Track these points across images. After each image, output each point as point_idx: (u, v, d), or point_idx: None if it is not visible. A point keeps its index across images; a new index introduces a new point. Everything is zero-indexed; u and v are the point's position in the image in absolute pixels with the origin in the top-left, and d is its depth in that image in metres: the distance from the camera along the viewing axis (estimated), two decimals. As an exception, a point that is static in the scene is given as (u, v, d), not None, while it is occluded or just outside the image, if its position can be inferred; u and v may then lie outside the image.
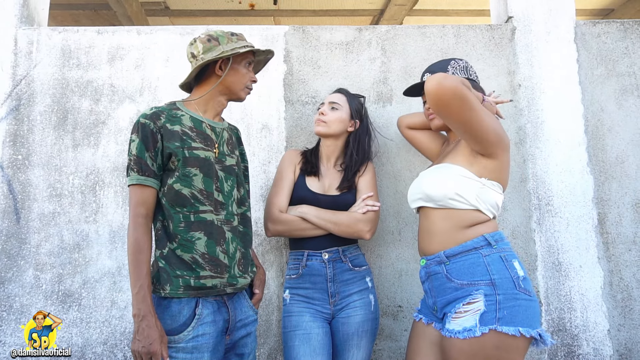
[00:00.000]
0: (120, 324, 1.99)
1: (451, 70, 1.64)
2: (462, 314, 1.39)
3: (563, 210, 2.12)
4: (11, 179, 2.07)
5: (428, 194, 1.52)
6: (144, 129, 1.41)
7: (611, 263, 2.10)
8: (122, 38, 2.22)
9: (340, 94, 1.93)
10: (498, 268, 1.41)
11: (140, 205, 1.39)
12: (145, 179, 1.40)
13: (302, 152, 1.93)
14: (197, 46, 1.49)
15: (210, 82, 1.53)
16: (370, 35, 2.26)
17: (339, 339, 1.73)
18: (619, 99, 2.23)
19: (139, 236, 1.36)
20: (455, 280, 1.44)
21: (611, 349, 2.02)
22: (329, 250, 1.76)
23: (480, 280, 1.40)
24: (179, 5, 5.56)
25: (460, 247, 1.46)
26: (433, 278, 1.51)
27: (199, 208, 1.42)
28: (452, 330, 1.39)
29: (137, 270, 1.33)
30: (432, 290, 1.52)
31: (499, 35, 2.28)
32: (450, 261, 1.46)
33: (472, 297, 1.39)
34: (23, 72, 2.17)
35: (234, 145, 1.61)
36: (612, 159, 2.18)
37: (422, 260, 1.56)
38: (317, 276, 1.75)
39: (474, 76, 1.67)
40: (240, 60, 1.53)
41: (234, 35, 1.53)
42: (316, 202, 1.79)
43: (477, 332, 1.33)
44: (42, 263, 2.01)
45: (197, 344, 1.34)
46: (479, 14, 5.86)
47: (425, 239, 1.56)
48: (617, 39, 2.28)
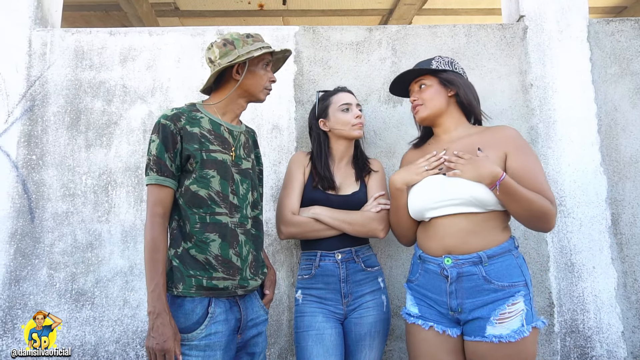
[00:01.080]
0: (132, 322, 2.00)
1: (435, 64, 1.64)
2: (506, 317, 1.41)
3: (576, 210, 2.10)
4: (25, 179, 2.10)
5: (479, 199, 1.45)
6: (164, 130, 1.42)
7: (625, 264, 2.07)
8: (134, 39, 2.24)
9: (350, 93, 1.92)
10: (525, 269, 1.49)
11: (158, 205, 1.40)
12: (164, 179, 1.41)
13: (310, 155, 1.92)
14: (214, 51, 1.49)
15: (228, 86, 1.53)
16: (381, 35, 2.26)
17: (352, 340, 1.72)
18: (633, 98, 2.20)
19: (155, 235, 1.37)
20: (494, 282, 1.43)
21: (625, 351, 2.00)
22: (342, 250, 1.76)
23: (519, 281, 1.45)
24: (188, 6, 5.60)
25: (499, 248, 1.46)
26: (465, 279, 1.46)
27: (214, 210, 1.43)
28: (499, 334, 1.39)
29: (153, 269, 1.34)
30: (460, 291, 1.46)
31: (510, 34, 2.26)
32: (489, 262, 1.45)
33: (514, 298, 1.42)
34: (37, 73, 2.19)
35: (250, 148, 1.62)
36: (626, 159, 2.15)
37: (447, 259, 1.48)
38: (330, 277, 1.75)
39: (460, 70, 1.68)
40: (257, 62, 1.53)
41: (250, 37, 1.52)
42: (328, 202, 1.79)
43: (525, 332, 1.39)
44: (55, 262, 2.04)
45: (210, 342, 1.36)
46: (489, 13, 5.81)
47: (458, 237, 1.47)
48: (631, 37, 2.25)
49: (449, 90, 1.63)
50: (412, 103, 1.69)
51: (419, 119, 1.67)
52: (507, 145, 1.52)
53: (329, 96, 1.91)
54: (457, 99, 1.64)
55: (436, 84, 1.64)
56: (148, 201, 1.41)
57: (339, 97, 1.88)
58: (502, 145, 1.53)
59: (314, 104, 1.94)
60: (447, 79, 1.63)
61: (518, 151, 1.51)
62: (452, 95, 1.64)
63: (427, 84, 1.65)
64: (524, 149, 1.52)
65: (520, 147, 1.52)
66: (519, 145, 1.53)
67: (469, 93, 1.63)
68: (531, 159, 1.51)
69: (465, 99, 1.62)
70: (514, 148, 1.52)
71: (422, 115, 1.65)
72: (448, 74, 1.64)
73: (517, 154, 1.50)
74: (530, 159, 1.51)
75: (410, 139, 2.15)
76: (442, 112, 1.64)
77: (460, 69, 1.69)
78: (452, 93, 1.63)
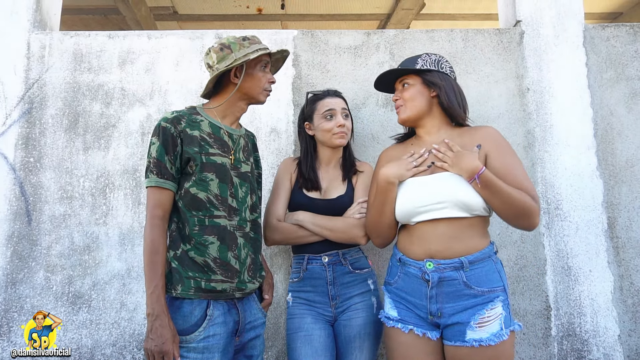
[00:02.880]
0: (129, 325, 2.00)
1: (420, 62, 1.61)
2: (486, 322, 1.41)
3: (572, 214, 2.11)
4: (23, 181, 2.10)
5: (466, 202, 1.46)
6: (165, 132, 1.43)
7: (621, 268, 2.08)
8: (132, 42, 2.24)
9: (338, 97, 1.89)
10: (503, 274, 1.51)
11: (158, 207, 1.40)
12: (164, 181, 1.41)
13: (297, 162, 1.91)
14: (212, 56, 1.50)
15: (228, 89, 1.54)
16: (379, 39, 2.27)
17: (341, 342, 1.73)
18: (628, 103, 2.22)
19: (155, 237, 1.37)
20: (475, 287, 1.44)
21: (622, 355, 2.00)
22: (328, 253, 1.77)
23: (498, 287, 1.47)
24: (187, 9, 5.61)
25: (480, 254, 1.47)
26: (445, 284, 1.46)
27: (213, 213, 1.44)
28: (479, 339, 1.40)
29: (152, 271, 1.35)
30: (440, 296, 1.46)
31: (507, 39, 2.28)
32: (470, 267, 1.45)
33: (492, 303, 1.44)
34: (35, 75, 2.20)
35: (250, 152, 1.63)
36: (621, 163, 2.16)
37: (428, 264, 1.47)
38: (318, 279, 1.75)
39: (447, 70, 1.63)
40: (255, 64, 1.53)
41: (246, 39, 1.52)
42: (313, 206, 1.79)
43: (504, 335, 1.41)
44: (52, 264, 2.03)
45: (208, 344, 1.36)
46: (486, 18, 5.85)
47: (441, 242, 1.47)
48: (626, 42, 2.27)
49: (431, 91, 1.60)
50: (394, 102, 1.68)
51: (400, 120, 1.66)
52: (487, 145, 1.53)
53: (317, 100, 1.88)
54: (439, 100, 1.60)
55: (419, 83, 1.61)
56: (148, 203, 1.42)
57: (323, 102, 1.84)
58: (482, 145, 1.54)
59: (303, 105, 1.93)
60: (430, 80, 1.59)
61: (497, 150, 1.52)
62: (435, 95, 1.60)
63: (410, 83, 1.62)
64: (503, 148, 1.53)
65: (499, 146, 1.53)
66: (499, 144, 1.54)
67: (451, 95, 1.58)
68: (510, 157, 1.52)
69: (446, 101, 1.58)
70: (494, 148, 1.53)
71: (402, 117, 1.64)
72: (432, 74, 1.60)
73: (497, 153, 1.52)
74: (509, 157, 1.52)
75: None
76: (423, 114, 1.62)
77: (447, 68, 1.63)
78: (434, 94, 1.60)
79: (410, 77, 1.63)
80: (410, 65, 1.63)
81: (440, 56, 1.66)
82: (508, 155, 1.52)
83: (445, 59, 1.67)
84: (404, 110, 1.62)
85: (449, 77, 1.62)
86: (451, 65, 1.68)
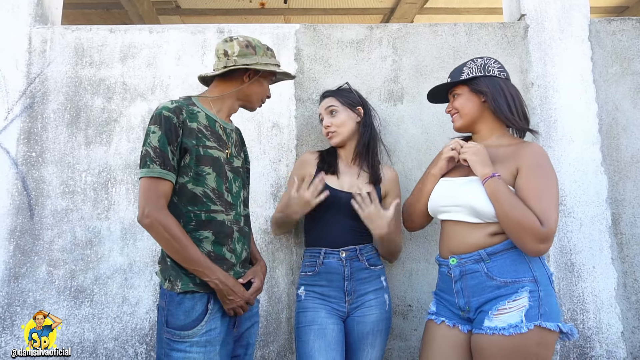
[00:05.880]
0: (131, 320, 2.00)
1: (467, 71, 1.61)
2: (505, 311, 1.39)
3: (576, 210, 2.09)
4: (25, 176, 2.10)
5: (477, 209, 1.46)
6: (167, 122, 1.39)
7: (625, 264, 2.07)
8: (134, 37, 2.23)
9: (327, 97, 1.92)
10: (538, 265, 1.46)
11: (162, 198, 1.37)
12: (167, 173, 1.38)
13: (319, 152, 1.93)
14: (233, 46, 1.50)
15: (232, 84, 1.54)
16: (382, 33, 2.25)
17: (354, 338, 1.73)
18: (634, 98, 2.19)
19: (172, 222, 1.36)
20: (497, 278, 1.43)
21: (625, 352, 1.99)
22: (346, 248, 1.76)
23: (524, 277, 1.42)
24: (189, 4, 5.59)
25: (501, 245, 1.45)
26: (468, 277, 1.47)
27: (210, 207, 1.43)
28: (494, 327, 1.38)
29: (192, 249, 1.36)
30: (466, 290, 1.47)
31: (511, 33, 2.25)
32: (491, 259, 1.45)
33: (517, 294, 1.41)
34: (37, 70, 2.19)
35: (240, 146, 1.64)
36: (626, 159, 2.14)
37: (452, 259, 1.50)
38: (334, 274, 1.75)
39: (496, 71, 1.59)
40: (267, 75, 1.59)
41: (269, 50, 1.58)
42: (336, 198, 1.78)
43: (523, 328, 1.35)
44: (55, 259, 2.04)
45: (210, 338, 1.36)
46: (491, 12, 5.81)
47: (456, 239, 1.52)
48: (632, 36, 2.25)
49: (480, 97, 1.59)
50: (449, 111, 1.69)
51: (454, 128, 1.68)
52: (522, 161, 1.48)
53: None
54: (488, 105, 1.59)
55: (467, 92, 1.61)
56: (147, 194, 1.36)
57: (319, 105, 1.95)
58: (517, 160, 1.49)
59: None
60: (476, 88, 1.59)
61: (529, 169, 1.46)
62: (485, 101, 1.59)
63: (459, 93, 1.64)
64: (536, 168, 1.46)
65: (533, 165, 1.46)
66: (534, 163, 1.47)
67: (498, 99, 1.56)
68: (541, 180, 1.44)
69: (493, 106, 1.56)
70: (527, 165, 1.47)
71: (455, 126, 1.67)
72: (479, 81, 1.58)
73: (528, 171, 1.46)
74: (539, 179, 1.45)
75: (411, 138, 2.16)
76: (475, 120, 1.62)
77: (495, 70, 1.60)
78: (484, 99, 1.59)
79: (458, 88, 1.64)
80: (456, 76, 1.64)
81: (488, 58, 1.63)
82: (539, 177, 1.45)
83: (494, 60, 1.63)
84: (457, 119, 1.65)
85: (497, 80, 1.59)
86: (500, 65, 1.63)
